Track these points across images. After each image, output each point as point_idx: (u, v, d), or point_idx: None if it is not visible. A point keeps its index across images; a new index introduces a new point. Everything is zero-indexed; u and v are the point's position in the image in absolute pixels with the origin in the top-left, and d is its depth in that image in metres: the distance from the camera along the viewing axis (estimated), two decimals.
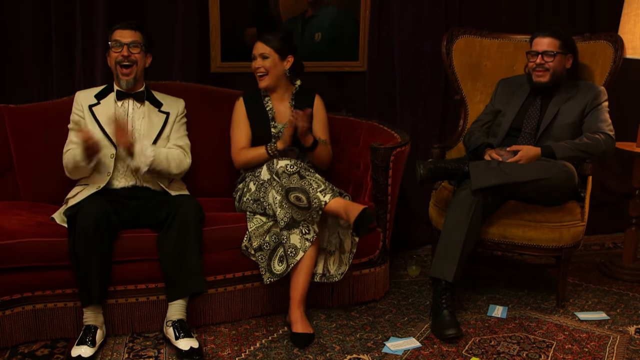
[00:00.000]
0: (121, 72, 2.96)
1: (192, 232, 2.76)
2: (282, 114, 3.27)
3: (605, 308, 3.20)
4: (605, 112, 3.20)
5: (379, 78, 3.90)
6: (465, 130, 3.57)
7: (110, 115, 2.95)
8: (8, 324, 2.71)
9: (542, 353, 2.76)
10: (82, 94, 3.05)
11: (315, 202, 2.79)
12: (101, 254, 2.67)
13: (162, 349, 2.77)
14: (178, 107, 3.13)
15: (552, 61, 3.17)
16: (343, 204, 2.81)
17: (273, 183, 2.91)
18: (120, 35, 2.96)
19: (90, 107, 2.99)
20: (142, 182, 2.98)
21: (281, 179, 2.87)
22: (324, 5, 3.78)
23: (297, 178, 2.86)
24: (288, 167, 2.89)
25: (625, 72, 3.47)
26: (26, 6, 3.39)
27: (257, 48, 3.21)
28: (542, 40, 3.19)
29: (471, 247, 3.00)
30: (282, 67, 3.22)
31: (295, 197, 2.82)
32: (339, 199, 2.83)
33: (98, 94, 3.04)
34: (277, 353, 2.74)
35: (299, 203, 2.82)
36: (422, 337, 2.89)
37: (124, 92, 3.01)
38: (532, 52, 3.22)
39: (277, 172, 2.89)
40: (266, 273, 2.91)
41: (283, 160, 2.92)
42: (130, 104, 3.02)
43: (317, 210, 2.81)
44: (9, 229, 2.71)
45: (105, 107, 3.00)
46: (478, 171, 2.94)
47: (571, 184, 3.00)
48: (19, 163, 3.15)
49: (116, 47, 2.95)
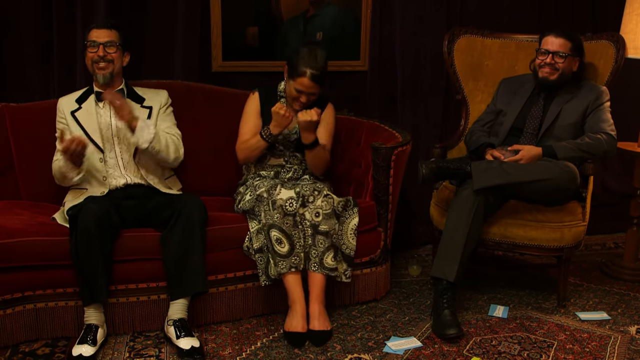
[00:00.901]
0: (97, 67, 2.95)
1: (196, 232, 2.76)
2: (293, 120, 3.17)
3: (607, 308, 3.20)
4: (607, 112, 3.20)
5: (380, 77, 3.89)
6: (466, 130, 3.57)
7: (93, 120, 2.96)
8: (9, 323, 2.71)
9: (543, 353, 2.76)
10: (63, 100, 3.05)
11: (292, 261, 2.83)
12: (103, 253, 2.67)
13: (163, 348, 2.77)
14: (161, 100, 3.12)
15: (562, 62, 3.16)
16: (297, 298, 2.84)
17: (265, 208, 2.88)
18: (97, 35, 2.95)
19: (72, 113, 2.99)
20: (132, 179, 2.98)
21: (275, 211, 2.85)
22: (325, 4, 3.78)
23: (290, 221, 2.86)
24: (288, 203, 2.86)
25: (627, 72, 3.47)
26: (27, 7, 3.39)
27: (307, 87, 3.01)
28: (555, 40, 3.17)
29: (472, 247, 3.00)
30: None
31: (276, 239, 2.83)
32: (299, 289, 2.85)
33: (79, 98, 3.03)
34: (278, 352, 2.74)
35: (278, 246, 2.83)
36: (423, 337, 2.88)
37: (102, 92, 2.99)
38: (542, 50, 3.20)
39: (275, 200, 2.86)
40: (262, 275, 2.91)
41: (287, 192, 2.89)
42: None
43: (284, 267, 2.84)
44: (10, 228, 2.71)
45: (87, 111, 2.99)
46: (480, 171, 2.94)
47: (573, 184, 3.00)
48: (20, 162, 3.15)
49: (92, 46, 2.94)
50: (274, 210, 2.85)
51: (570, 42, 3.17)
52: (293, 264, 2.84)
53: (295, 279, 2.86)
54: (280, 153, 3.21)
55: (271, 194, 2.90)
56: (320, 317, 2.86)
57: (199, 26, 3.58)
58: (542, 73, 3.21)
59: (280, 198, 2.87)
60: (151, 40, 3.56)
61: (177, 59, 3.57)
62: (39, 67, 3.47)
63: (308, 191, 2.93)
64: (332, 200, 2.94)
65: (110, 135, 2.99)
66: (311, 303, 2.88)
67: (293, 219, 2.87)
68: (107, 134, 2.99)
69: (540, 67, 3.21)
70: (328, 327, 2.87)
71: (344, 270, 2.98)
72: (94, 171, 2.95)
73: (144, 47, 3.52)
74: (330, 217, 2.91)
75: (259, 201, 2.93)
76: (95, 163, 2.95)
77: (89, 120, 2.98)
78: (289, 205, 2.86)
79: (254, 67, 3.73)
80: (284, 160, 3.20)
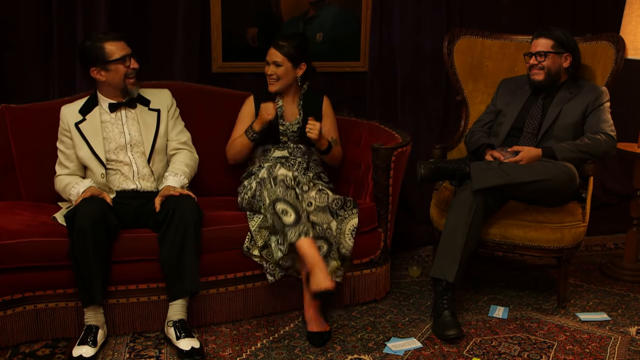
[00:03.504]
0: (130, 82, 2.95)
1: (190, 232, 2.75)
2: (290, 114, 3.30)
3: (607, 309, 3.20)
4: (607, 113, 3.20)
5: (380, 78, 3.90)
6: (466, 130, 3.57)
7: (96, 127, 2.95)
8: (9, 324, 2.72)
9: (543, 354, 2.76)
10: (66, 109, 3.00)
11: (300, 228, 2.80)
12: (99, 254, 2.67)
13: (163, 348, 2.77)
14: (166, 101, 3.11)
15: (544, 61, 3.19)
16: (315, 259, 2.77)
17: (268, 186, 2.91)
18: (121, 47, 2.92)
19: (76, 125, 2.96)
20: (143, 186, 2.99)
21: (277, 186, 2.88)
22: (325, 5, 3.78)
23: (292, 194, 2.88)
24: (287, 177, 2.90)
25: (627, 73, 3.47)
26: (28, 7, 3.39)
27: (271, 55, 3.21)
28: (537, 41, 3.23)
29: (472, 248, 3.00)
30: (294, 74, 3.25)
31: (282, 210, 2.83)
32: (315, 251, 2.80)
33: (82, 109, 2.99)
34: (278, 353, 2.75)
35: (284, 217, 2.83)
36: (423, 338, 2.89)
37: (116, 103, 2.98)
38: (527, 53, 3.27)
39: (275, 177, 2.90)
40: (276, 269, 2.91)
41: (285, 170, 2.93)
42: (123, 112, 3.01)
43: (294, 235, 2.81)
44: (10, 228, 2.71)
45: (91, 124, 2.97)
46: (479, 171, 2.94)
47: (572, 184, 3.00)
48: (21, 163, 3.15)
49: (123, 61, 2.91)
50: (275, 185, 2.88)
51: (552, 39, 3.20)
52: (302, 230, 2.82)
53: (308, 242, 2.82)
54: (284, 145, 3.26)
55: (271, 172, 2.93)
56: (318, 319, 2.85)
57: (199, 27, 3.59)
58: (531, 75, 3.26)
59: (281, 174, 2.91)
60: (151, 41, 3.57)
61: (177, 60, 3.57)
62: (39, 68, 3.47)
63: (305, 179, 2.99)
64: (327, 197, 2.98)
65: (124, 142, 2.99)
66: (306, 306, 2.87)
67: (295, 192, 2.90)
68: (120, 142, 2.97)
69: (529, 71, 3.26)
70: (326, 328, 2.87)
71: (335, 269, 2.97)
72: (97, 184, 2.94)
73: (144, 48, 3.52)
74: (323, 211, 2.95)
75: (260, 185, 2.96)
76: (97, 178, 2.94)
77: (94, 134, 2.96)
78: (289, 180, 2.90)
79: (253, 68, 3.72)
80: (288, 152, 3.24)
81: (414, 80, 3.91)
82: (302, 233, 2.81)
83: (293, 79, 3.25)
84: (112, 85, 2.95)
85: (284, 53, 3.18)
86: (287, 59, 3.19)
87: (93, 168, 2.94)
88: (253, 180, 3.10)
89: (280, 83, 3.23)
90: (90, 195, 2.77)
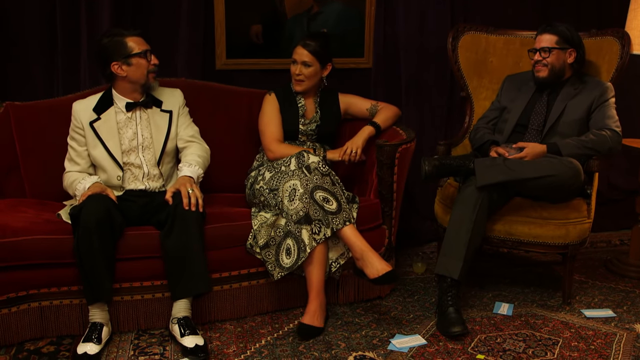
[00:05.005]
0: (152, 76, 2.95)
1: (193, 231, 2.74)
2: (310, 111, 3.33)
3: (612, 305, 3.19)
4: (612, 109, 3.19)
5: (384, 74, 3.89)
6: (470, 127, 3.56)
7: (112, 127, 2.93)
8: (14, 321, 2.72)
9: (548, 350, 2.75)
10: (79, 106, 2.96)
11: (344, 215, 2.82)
12: (104, 252, 2.67)
13: (167, 346, 2.77)
14: (178, 101, 3.09)
15: (548, 57, 3.18)
16: (364, 245, 2.81)
17: (300, 175, 2.89)
18: (143, 43, 2.92)
19: (91, 124, 2.93)
20: (152, 186, 2.98)
21: (312, 174, 2.87)
22: (329, 1, 3.77)
23: (329, 181, 2.89)
24: (320, 164, 2.91)
25: (632, 69, 3.46)
26: (32, 5, 3.39)
27: (300, 54, 3.21)
28: (540, 37, 3.22)
29: (477, 244, 2.99)
30: (320, 75, 3.27)
31: (322, 198, 2.83)
32: (360, 237, 2.83)
33: (97, 107, 2.95)
34: (283, 350, 2.75)
35: (327, 205, 2.83)
36: (427, 335, 2.88)
37: (133, 103, 2.96)
38: (532, 49, 3.25)
39: (308, 166, 2.90)
40: (276, 268, 2.90)
41: (315, 156, 2.94)
42: (138, 113, 2.99)
43: (339, 222, 2.83)
44: (15, 226, 2.72)
45: (107, 124, 2.94)
46: (483, 167, 2.93)
47: (577, 180, 2.99)
48: (25, 161, 3.15)
49: (146, 56, 2.90)
50: (310, 174, 2.88)
51: (556, 35, 3.18)
52: (345, 217, 2.84)
53: (352, 229, 2.85)
54: (301, 143, 3.28)
55: (302, 162, 2.92)
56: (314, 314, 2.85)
57: (203, 24, 3.58)
58: (535, 72, 3.24)
59: (312, 162, 2.91)
60: (154, 38, 3.54)
61: (180, 57, 3.57)
62: (43, 65, 3.47)
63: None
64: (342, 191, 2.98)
65: (137, 144, 2.97)
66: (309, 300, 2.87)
67: (330, 179, 2.91)
68: (132, 143, 2.96)
69: (533, 67, 3.24)
70: (318, 325, 2.86)
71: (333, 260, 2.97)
72: (111, 186, 2.93)
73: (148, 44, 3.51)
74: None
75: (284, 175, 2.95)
76: (113, 180, 2.93)
77: (110, 134, 2.93)
78: (322, 167, 2.91)
79: (257, 64, 3.72)
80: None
81: (418, 77, 3.90)
82: (346, 220, 2.82)
83: (319, 79, 3.27)
84: (132, 80, 2.91)
85: (313, 52, 3.19)
86: (316, 58, 3.20)
87: (108, 169, 2.92)
88: (266, 170, 3.10)
89: (307, 83, 3.25)
90: (95, 192, 2.77)
